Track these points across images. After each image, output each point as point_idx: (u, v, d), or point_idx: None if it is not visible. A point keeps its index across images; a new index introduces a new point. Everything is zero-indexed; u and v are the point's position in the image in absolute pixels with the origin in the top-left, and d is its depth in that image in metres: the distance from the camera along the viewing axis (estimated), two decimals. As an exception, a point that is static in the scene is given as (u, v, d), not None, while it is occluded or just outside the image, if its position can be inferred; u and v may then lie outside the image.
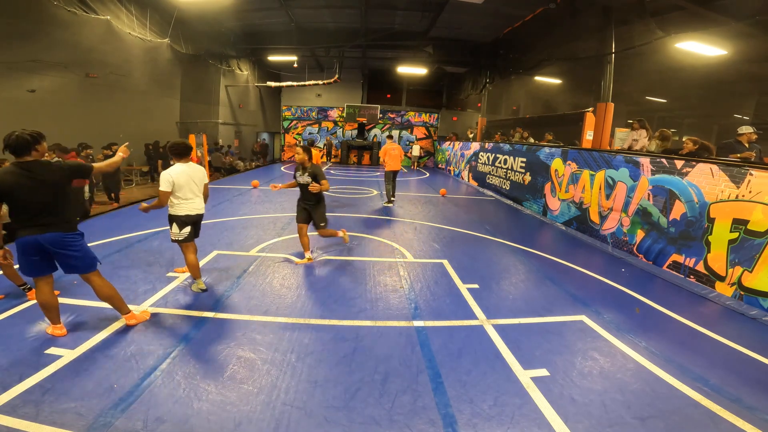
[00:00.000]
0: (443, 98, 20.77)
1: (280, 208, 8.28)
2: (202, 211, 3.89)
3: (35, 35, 7.35)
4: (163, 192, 3.56)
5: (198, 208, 3.81)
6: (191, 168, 3.71)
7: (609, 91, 8.91)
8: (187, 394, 2.41)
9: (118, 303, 3.09)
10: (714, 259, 4.52)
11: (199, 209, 3.83)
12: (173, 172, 3.58)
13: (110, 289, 3.03)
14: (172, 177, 3.56)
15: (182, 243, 3.78)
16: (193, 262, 3.84)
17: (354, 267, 4.83)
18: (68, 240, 2.77)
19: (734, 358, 3.20)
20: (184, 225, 3.71)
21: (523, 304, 4.02)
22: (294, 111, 21.01)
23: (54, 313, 2.93)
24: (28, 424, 2.09)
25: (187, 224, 3.73)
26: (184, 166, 3.65)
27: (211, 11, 11.25)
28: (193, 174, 3.72)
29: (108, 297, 3.03)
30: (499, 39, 13.52)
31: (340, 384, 2.58)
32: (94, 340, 2.94)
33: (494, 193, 11.57)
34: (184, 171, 3.63)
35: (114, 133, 9.40)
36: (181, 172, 3.61)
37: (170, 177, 3.55)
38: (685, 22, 7.67)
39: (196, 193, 3.76)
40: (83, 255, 2.88)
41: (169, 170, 3.59)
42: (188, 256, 3.82)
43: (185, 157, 3.71)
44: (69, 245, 2.78)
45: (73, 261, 2.84)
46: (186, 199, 3.68)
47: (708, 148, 5.58)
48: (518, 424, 2.29)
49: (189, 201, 3.70)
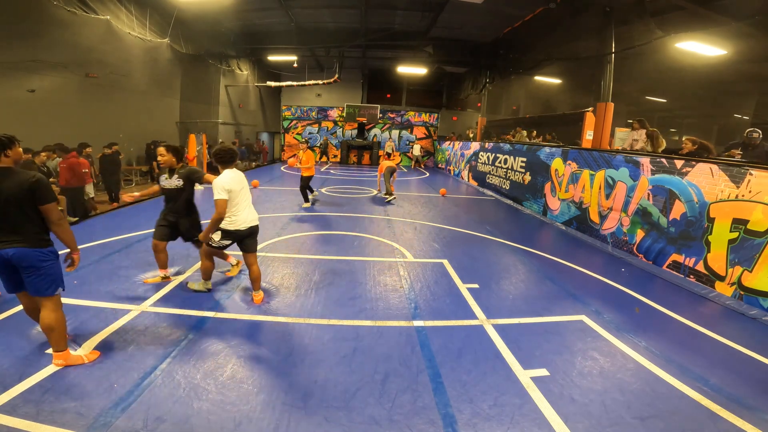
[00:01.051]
0: (443, 98, 20.79)
1: (279, 208, 8.29)
2: (257, 222, 3.62)
3: (35, 35, 7.34)
4: (219, 200, 3.24)
5: (252, 219, 3.55)
6: (238, 174, 3.46)
7: (609, 91, 8.92)
8: (187, 394, 2.41)
9: (57, 338, 2.59)
10: (714, 258, 4.52)
11: (253, 220, 3.57)
12: (225, 178, 3.31)
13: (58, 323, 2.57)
14: (227, 184, 3.27)
15: (211, 249, 3.57)
16: (210, 268, 3.72)
17: (354, 267, 4.83)
18: (32, 256, 2.45)
19: (734, 358, 3.20)
20: (228, 238, 3.50)
21: (523, 304, 4.02)
22: (294, 111, 21.01)
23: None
24: (28, 424, 2.09)
25: (232, 239, 3.52)
26: (233, 173, 3.40)
27: (211, 11, 11.24)
28: (243, 180, 3.48)
29: (49, 329, 2.56)
30: (499, 39, 13.52)
31: (340, 384, 2.58)
32: (95, 340, 2.94)
33: (494, 192, 11.57)
34: (235, 178, 3.38)
35: (114, 133, 9.42)
36: (233, 179, 3.36)
37: (225, 184, 3.26)
38: (685, 22, 7.67)
39: (249, 201, 3.53)
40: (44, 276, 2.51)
41: (221, 177, 3.34)
42: (208, 260, 3.68)
43: (232, 163, 3.47)
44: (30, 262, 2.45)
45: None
46: (239, 210, 3.42)
47: (707, 148, 5.59)
48: (518, 424, 2.29)
49: (241, 212, 3.45)
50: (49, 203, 2.46)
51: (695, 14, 7.58)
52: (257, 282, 3.72)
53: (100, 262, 4.52)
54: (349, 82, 19.17)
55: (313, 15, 12.82)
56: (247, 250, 3.62)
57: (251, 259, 3.64)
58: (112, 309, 3.43)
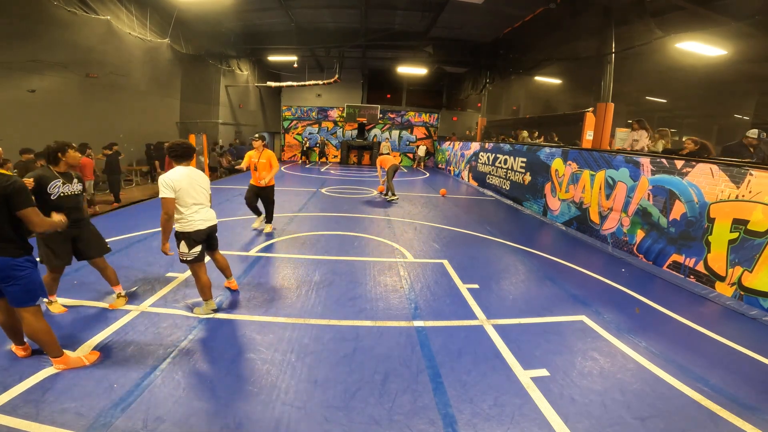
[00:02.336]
0: (443, 98, 20.78)
1: (279, 208, 8.28)
2: (215, 222, 3.40)
3: (35, 35, 7.35)
4: (164, 199, 3.04)
5: (209, 218, 3.31)
6: (194, 172, 3.23)
7: (609, 91, 8.92)
8: (187, 394, 2.41)
9: (47, 345, 2.53)
10: (714, 259, 4.52)
11: (211, 219, 3.34)
12: (173, 175, 3.08)
13: (42, 332, 2.49)
14: (173, 181, 3.05)
15: (192, 263, 3.27)
16: (207, 282, 3.35)
17: (354, 267, 4.83)
18: (9, 266, 2.35)
19: (734, 358, 3.20)
20: (194, 244, 3.22)
21: (523, 304, 4.02)
22: (294, 111, 21.02)
23: (19, 336, 2.64)
24: (28, 424, 2.09)
25: (198, 242, 3.24)
26: (185, 170, 3.17)
27: (211, 11, 11.25)
28: (197, 178, 3.23)
29: (35, 338, 2.51)
30: (499, 39, 13.52)
31: (340, 384, 2.58)
32: (95, 340, 2.94)
33: (494, 193, 11.57)
34: (186, 174, 3.14)
35: (114, 133, 9.42)
36: (182, 175, 3.11)
37: (169, 181, 3.04)
38: (685, 22, 7.68)
39: (203, 200, 3.27)
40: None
41: (167, 174, 3.12)
42: (200, 276, 3.31)
43: (186, 159, 3.23)
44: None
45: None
46: (192, 211, 3.18)
47: (707, 148, 5.58)
48: (518, 424, 2.29)
49: (196, 212, 3.20)
50: (25, 209, 2.31)
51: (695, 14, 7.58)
52: (227, 269, 3.81)
53: (100, 262, 4.52)
54: (349, 82, 19.17)
55: (313, 15, 12.83)
56: (211, 249, 3.55)
57: (216, 254, 3.67)
58: (112, 309, 3.43)
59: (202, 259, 3.33)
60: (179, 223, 3.18)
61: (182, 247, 3.21)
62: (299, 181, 13.25)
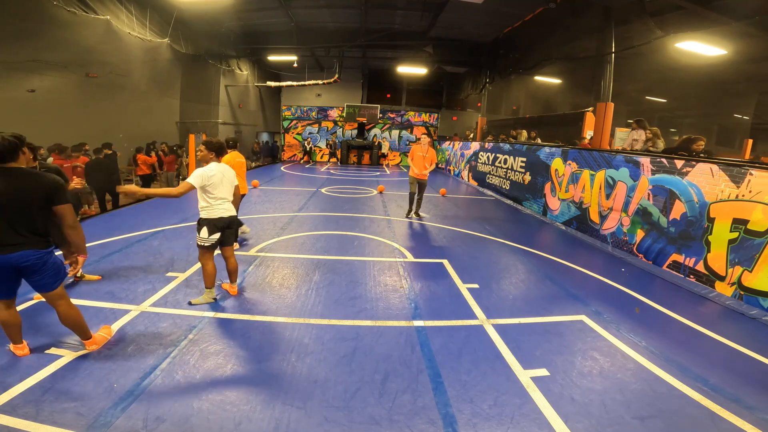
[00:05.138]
0: (443, 98, 20.79)
1: (279, 208, 8.28)
2: (235, 213, 3.72)
3: (35, 35, 7.34)
4: (188, 183, 3.35)
5: (230, 210, 3.63)
6: (224, 168, 3.60)
7: (609, 91, 8.90)
8: (187, 394, 2.41)
9: (81, 328, 2.75)
10: (714, 258, 4.52)
11: (231, 211, 3.65)
12: (208, 171, 3.42)
13: (77, 314, 2.72)
14: (207, 176, 3.38)
15: (206, 250, 3.54)
16: (212, 270, 3.62)
17: (354, 267, 4.83)
18: (39, 258, 2.49)
19: (734, 358, 3.20)
20: (215, 230, 3.50)
21: (523, 303, 4.02)
22: (294, 111, 21.02)
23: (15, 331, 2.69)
24: (28, 424, 2.09)
25: (218, 229, 3.52)
26: (218, 166, 3.53)
27: (211, 11, 11.24)
28: (227, 173, 3.59)
29: (73, 323, 2.71)
30: (499, 39, 13.52)
31: (340, 384, 2.58)
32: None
33: (494, 192, 11.57)
34: (218, 170, 3.50)
35: (114, 133, 9.41)
36: (216, 171, 3.47)
37: (204, 174, 3.38)
38: (684, 22, 7.67)
39: (227, 196, 3.60)
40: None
41: (205, 167, 3.45)
42: (207, 263, 3.58)
43: (221, 155, 3.63)
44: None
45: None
46: (218, 203, 3.50)
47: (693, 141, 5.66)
48: (518, 424, 2.29)
49: (220, 204, 3.52)
50: (65, 204, 2.51)
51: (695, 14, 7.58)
52: (234, 275, 3.88)
53: (100, 262, 4.52)
54: (349, 82, 19.17)
55: (313, 15, 12.83)
56: (225, 243, 3.68)
57: (228, 252, 3.76)
58: (112, 309, 3.43)
59: (215, 249, 3.59)
60: (205, 210, 3.49)
61: (203, 233, 3.48)
62: (299, 181, 13.26)
